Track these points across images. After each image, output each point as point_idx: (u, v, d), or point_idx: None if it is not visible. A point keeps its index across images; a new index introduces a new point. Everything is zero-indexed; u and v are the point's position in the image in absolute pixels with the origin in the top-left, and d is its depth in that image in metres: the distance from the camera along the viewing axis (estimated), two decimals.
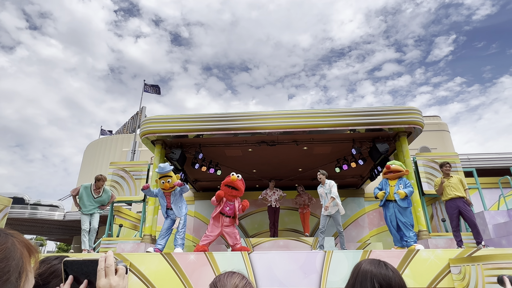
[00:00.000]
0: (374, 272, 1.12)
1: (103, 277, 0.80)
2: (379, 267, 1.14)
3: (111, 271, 0.81)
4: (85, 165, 26.69)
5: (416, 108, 6.86)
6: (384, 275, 1.11)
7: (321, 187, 6.49)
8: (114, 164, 7.94)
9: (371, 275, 1.12)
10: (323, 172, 6.50)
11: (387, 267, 1.14)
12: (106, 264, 0.81)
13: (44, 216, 18.90)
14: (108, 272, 0.80)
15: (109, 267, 0.81)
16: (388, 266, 1.15)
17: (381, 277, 1.10)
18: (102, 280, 0.79)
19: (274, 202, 9.11)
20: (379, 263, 1.17)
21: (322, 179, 6.44)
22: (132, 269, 4.98)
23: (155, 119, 7.15)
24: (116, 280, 0.80)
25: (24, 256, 0.68)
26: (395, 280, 1.10)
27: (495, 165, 10.42)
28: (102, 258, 0.82)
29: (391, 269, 1.14)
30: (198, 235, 10.44)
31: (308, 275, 4.81)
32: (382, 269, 1.13)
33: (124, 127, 29.25)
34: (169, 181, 5.88)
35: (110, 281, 0.80)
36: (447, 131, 17.34)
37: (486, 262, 4.13)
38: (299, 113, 7.03)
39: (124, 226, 8.46)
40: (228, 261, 5.01)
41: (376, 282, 1.10)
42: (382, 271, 1.12)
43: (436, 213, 9.18)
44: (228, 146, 7.87)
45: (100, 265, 0.81)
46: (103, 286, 0.79)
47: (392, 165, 6.04)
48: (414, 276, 4.68)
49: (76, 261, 0.83)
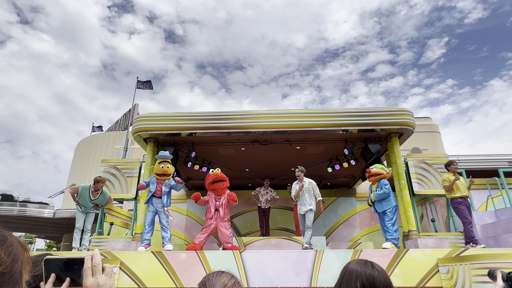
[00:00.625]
0: (360, 272, 1.14)
1: (90, 276, 0.78)
2: (365, 267, 1.16)
3: (98, 270, 0.80)
4: (76, 162, 26.36)
5: (407, 109, 6.93)
6: (368, 275, 1.12)
7: (298, 183, 6.43)
8: (106, 162, 7.86)
9: (356, 274, 1.14)
10: (301, 168, 6.44)
11: (373, 267, 1.16)
12: (93, 262, 0.80)
13: (33, 213, 18.61)
14: (95, 271, 0.79)
15: (96, 265, 0.80)
16: (375, 266, 1.17)
17: (365, 277, 1.12)
18: (89, 279, 0.78)
19: (264, 203, 9.10)
20: (366, 263, 1.18)
21: (301, 176, 6.39)
22: (122, 268, 4.94)
23: (148, 117, 7.10)
24: (104, 279, 0.79)
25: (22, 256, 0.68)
26: (380, 280, 1.11)
27: (484, 166, 10.59)
28: (89, 256, 0.81)
29: (377, 269, 1.15)
30: (190, 233, 10.41)
31: (299, 274, 4.84)
32: (368, 269, 1.14)
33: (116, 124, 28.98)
34: (168, 167, 6.09)
35: (98, 280, 0.78)
36: (438, 133, 17.56)
37: (473, 262, 4.20)
38: (292, 112, 7.05)
39: (115, 224, 8.39)
40: (219, 260, 5.01)
41: (359, 282, 1.11)
42: (367, 271, 1.14)
43: (426, 213, 9.31)
44: (221, 144, 7.85)
45: (87, 263, 0.79)
46: (90, 286, 0.77)
47: (373, 169, 6.11)
48: (403, 275, 4.75)
49: (58, 259, 0.81)
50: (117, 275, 4.88)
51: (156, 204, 6.05)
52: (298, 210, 6.39)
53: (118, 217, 8.96)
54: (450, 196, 6.15)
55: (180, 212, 10.65)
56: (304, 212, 6.28)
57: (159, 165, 6.10)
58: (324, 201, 10.82)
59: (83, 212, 6.46)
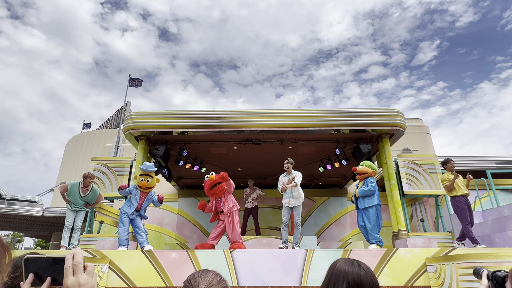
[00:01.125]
0: (347, 272, 1.14)
1: (70, 275, 0.77)
2: (352, 266, 1.15)
3: (79, 269, 0.78)
4: (66, 160, 26.00)
5: (398, 110, 7.01)
6: (356, 275, 1.12)
7: (286, 176, 6.33)
8: (96, 160, 7.77)
9: (344, 274, 1.14)
10: (291, 161, 6.35)
11: (360, 266, 1.16)
12: (74, 261, 0.78)
13: (21, 211, 18.29)
14: (76, 270, 0.78)
15: (77, 264, 0.78)
16: (361, 265, 1.17)
17: (352, 277, 1.12)
18: (70, 278, 0.76)
19: (250, 202, 9.10)
20: (353, 262, 1.18)
21: (289, 168, 6.30)
22: (112, 267, 4.90)
23: (139, 115, 7.04)
24: (85, 278, 0.78)
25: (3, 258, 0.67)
26: (367, 279, 1.11)
27: (472, 167, 10.77)
28: (70, 255, 0.79)
29: (364, 268, 1.15)
30: (182, 232, 10.37)
31: (289, 273, 4.86)
32: (355, 269, 1.14)
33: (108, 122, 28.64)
34: (148, 181, 5.77)
35: (79, 279, 0.77)
36: (428, 134, 17.78)
37: (460, 261, 4.27)
38: (285, 112, 7.06)
39: (105, 223, 8.30)
40: (209, 259, 5.00)
41: (345, 282, 1.11)
42: (354, 270, 1.14)
43: (415, 213, 9.43)
44: (213, 143, 7.83)
45: (68, 262, 0.78)
46: (71, 285, 0.76)
47: (359, 167, 6.06)
48: (392, 274, 4.80)
49: (39, 258, 0.79)
50: (106, 274, 4.83)
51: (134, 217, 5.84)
52: (285, 203, 6.16)
53: (108, 215, 8.87)
54: (451, 195, 6.17)
55: (171, 211, 10.60)
56: (292, 206, 6.10)
57: (139, 178, 5.74)
58: (315, 201, 10.89)
59: (73, 210, 6.38)
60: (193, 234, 10.35)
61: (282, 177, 6.39)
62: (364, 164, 6.12)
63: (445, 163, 6.39)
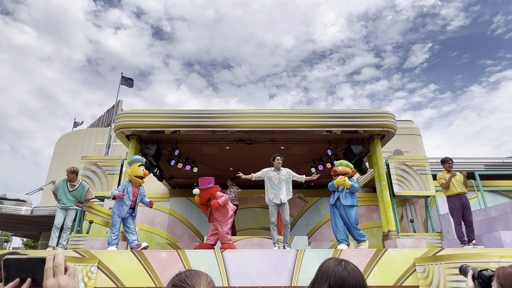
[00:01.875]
0: (330, 272, 1.13)
1: (50, 276, 0.75)
2: (337, 266, 1.13)
3: (60, 270, 0.76)
4: (56, 159, 25.62)
5: (390, 112, 7.08)
6: (338, 276, 1.10)
7: (275, 171, 6.19)
8: (86, 158, 7.68)
9: (327, 275, 1.12)
10: (282, 158, 6.32)
11: (345, 267, 1.13)
12: (54, 262, 0.76)
13: (9, 210, 17.95)
14: (57, 272, 0.76)
15: (58, 266, 0.76)
16: (348, 266, 1.14)
17: (334, 278, 1.10)
18: (50, 280, 0.74)
19: None
20: (340, 263, 1.15)
21: (280, 164, 6.24)
22: (100, 267, 4.84)
23: (131, 113, 6.97)
24: (66, 279, 0.76)
25: None
26: (349, 280, 1.09)
27: (461, 169, 10.93)
28: (50, 256, 0.77)
29: (349, 269, 1.13)
30: (173, 232, 10.30)
31: (280, 273, 4.86)
32: (339, 269, 1.12)
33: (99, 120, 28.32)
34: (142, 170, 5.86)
35: (59, 281, 0.75)
36: (419, 135, 17.99)
37: (448, 261, 4.33)
38: (277, 112, 7.08)
39: (95, 222, 8.20)
40: (200, 259, 4.97)
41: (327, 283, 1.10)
42: (338, 271, 1.11)
43: (405, 214, 9.53)
44: (205, 143, 7.80)
45: (48, 264, 0.76)
46: (50, 287, 0.74)
47: (339, 168, 5.88)
48: (382, 274, 4.84)
49: (19, 259, 0.77)
50: (95, 274, 4.78)
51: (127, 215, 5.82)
52: (272, 199, 6.05)
53: (98, 215, 8.77)
54: (447, 194, 6.25)
55: (162, 210, 10.53)
56: (279, 203, 6.02)
57: (139, 168, 5.80)
58: (307, 201, 10.93)
59: (63, 209, 6.26)
60: (184, 234, 10.30)
61: (271, 171, 6.22)
62: (342, 164, 5.95)
63: (443, 162, 6.45)
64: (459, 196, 6.11)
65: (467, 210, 6.05)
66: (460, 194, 6.12)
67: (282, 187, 6.12)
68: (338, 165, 5.97)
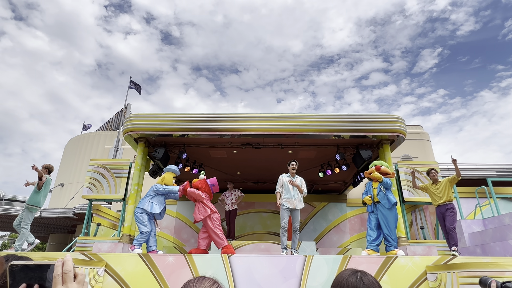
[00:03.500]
0: (343, 283, 1.08)
1: (59, 284, 0.72)
2: (351, 277, 1.09)
3: (69, 278, 0.73)
4: (65, 161, 25.92)
5: (399, 116, 6.98)
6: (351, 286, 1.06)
7: (290, 177, 6.22)
8: (94, 161, 7.72)
9: (340, 285, 1.08)
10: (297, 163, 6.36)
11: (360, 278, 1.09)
12: (63, 269, 0.73)
13: (19, 212, 18.19)
14: (66, 279, 0.73)
15: (67, 273, 0.73)
16: (363, 277, 1.09)
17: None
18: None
19: (229, 205, 9.08)
20: (355, 273, 1.11)
21: (295, 170, 6.29)
22: (107, 270, 4.83)
23: (139, 117, 7.00)
24: (75, 287, 0.73)
25: None
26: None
27: (473, 175, 10.73)
28: (59, 262, 0.74)
29: (365, 280, 1.08)
30: (180, 236, 10.28)
31: (287, 280, 4.79)
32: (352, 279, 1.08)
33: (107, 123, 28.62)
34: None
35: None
36: (428, 141, 17.76)
37: (461, 270, 4.21)
38: (285, 116, 7.04)
39: (103, 225, 8.23)
40: (207, 264, 4.93)
41: None
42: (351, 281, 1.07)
43: (415, 220, 9.36)
44: (213, 147, 7.79)
45: (57, 270, 0.73)
46: None
47: (382, 167, 6.00)
48: (392, 282, 4.73)
49: (26, 265, 0.74)
50: (102, 277, 4.77)
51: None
52: (285, 203, 6.01)
53: (105, 217, 8.80)
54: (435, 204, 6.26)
55: (169, 214, 10.52)
56: (292, 207, 6.01)
57: (172, 180, 6.32)
58: (314, 206, 10.83)
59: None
60: (191, 238, 10.27)
61: (285, 176, 6.25)
62: (383, 164, 6.09)
63: (427, 173, 6.53)
64: (439, 208, 6.18)
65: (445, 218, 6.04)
66: (439, 205, 6.15)
67: (295, 192, 6.12)
68: (380, 164, 6.10)
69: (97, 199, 7.42)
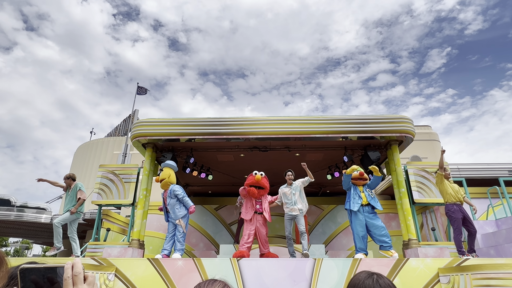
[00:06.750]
0: (359, 285, 1.07)
1: (70, 286, 0.73)
2: (367, 279, 1.08)
3: (80, 280, 0.74)
4: (74, 167, 26.27)
5: (407, 117, 6.91)
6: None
7: (287, 187, 6.33)
8: (104, 167, 7.81)
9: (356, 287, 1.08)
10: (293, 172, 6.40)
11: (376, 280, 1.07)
12: (74, 272, 0.74)
13: (30, 218, 18.47)
14: (76, 281, 0.74)
15: (77, 275, 0.74)
16: (380, 279, 1.08)
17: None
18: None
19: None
20: (371, 275, 1.11)
21: (291, 179, 6.35)
22: (117, 275, 4.86)
23: (147, 122, 7.07)
24: None
25: None
26: None
27: (484, 175, 10.54)
28: (69, 265, 0.75)
29: (382, 283, 1.07)
30: (188, 240, 10.30)
31: (297, 283, 4.75)
32: (369, 282, 1.07)
33: (116, 129, 28.97)
34: (158, 174, 6.12)
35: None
36: (437, 141, 17.54)
37: (474, 272, 4.13)
38: (292, 119, 7.02)
39: (112, 230, 8.30)
40: (216, 268, 4.93)
41: None
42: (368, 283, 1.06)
43: (426, 222, 9.22)
44: (220, 151, 7.81)
45: (67, 273, 0.74)
46: None
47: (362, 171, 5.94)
48: (404, 285, 4.66)
49: (36, 268, 0.75)
50: (112, 282, 4.80)
51: (171, 218, 6.10)
52: (288, 211, 6.09)
53: (115, 223, 8.87)
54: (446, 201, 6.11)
55: None
56: (295, 214, 6.03)
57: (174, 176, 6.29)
58: (323, 209, 10.74)
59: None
60: (199, 242, 10.28)
61: (284, 188, 6.40)
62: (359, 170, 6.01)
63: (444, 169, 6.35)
64: (458, 205, 5.94)
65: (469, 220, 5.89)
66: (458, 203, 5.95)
67: (294, 198, 6.17)
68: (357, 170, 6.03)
69: (107, 204, 7.49)
